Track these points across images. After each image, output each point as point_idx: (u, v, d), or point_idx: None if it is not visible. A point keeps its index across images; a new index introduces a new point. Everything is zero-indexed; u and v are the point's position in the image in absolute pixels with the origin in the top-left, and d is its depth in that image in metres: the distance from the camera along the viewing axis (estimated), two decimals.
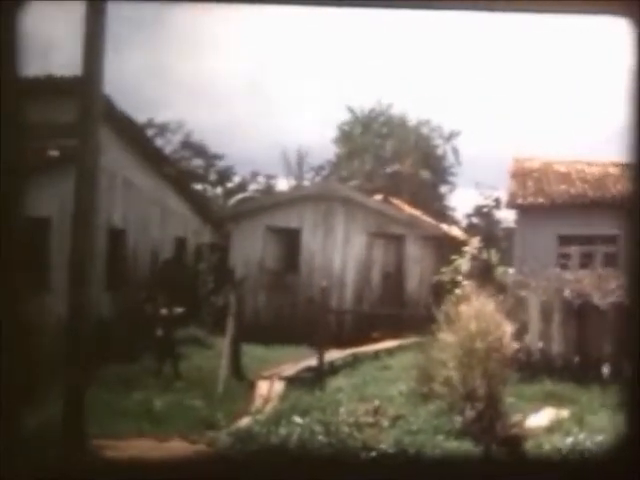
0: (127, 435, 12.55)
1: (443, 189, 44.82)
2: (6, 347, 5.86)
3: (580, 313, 18.20)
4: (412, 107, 54.08)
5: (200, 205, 29.77)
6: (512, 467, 10.08)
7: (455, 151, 44.00)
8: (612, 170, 25.39)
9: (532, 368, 17.14)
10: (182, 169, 34.25)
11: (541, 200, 25.21)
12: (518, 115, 51.28)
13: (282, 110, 54.84)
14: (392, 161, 41.83)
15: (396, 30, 47.84)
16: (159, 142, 36.88)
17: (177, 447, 12.11)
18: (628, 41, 5.91)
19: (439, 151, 44.27)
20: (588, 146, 39.82)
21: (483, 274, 18.31)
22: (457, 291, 16.26)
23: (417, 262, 26.60)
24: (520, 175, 26.60)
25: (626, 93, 5.97)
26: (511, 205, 26.03)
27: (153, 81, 47.97)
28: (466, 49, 53.16)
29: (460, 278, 18.07)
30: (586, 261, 23.15)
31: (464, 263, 18.92)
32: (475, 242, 19.89)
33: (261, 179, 44.66)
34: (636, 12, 5.84)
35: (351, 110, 44.05)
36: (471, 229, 35.14)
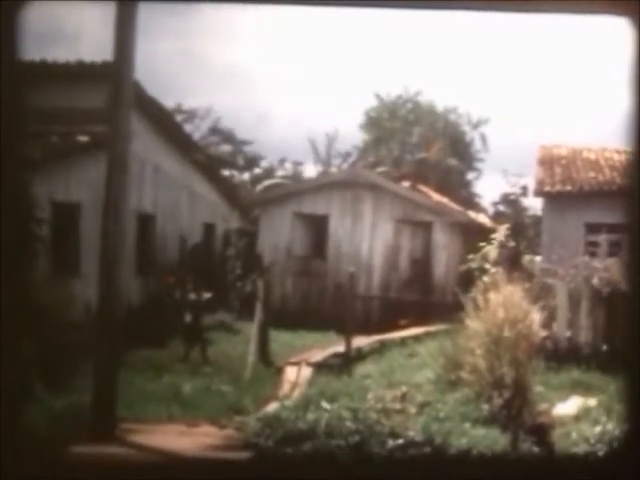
0: (157, 419, 12.66)
1: (470, 176, 44.60)
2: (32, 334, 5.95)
3: (608, 301, 18.14)
4: (440, 94, 53.77)
5: (228, 191, 29.87)
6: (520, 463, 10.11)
7: (483, 138, 43.77)
8: None
9: (560, 356, 17.11)
10: (210, 155, 34.29)
11: (569, 188, 25.02)
12: (545, 103, 51.02)
13: (310, 96, 54.79)
14: (419, 148, 41.66)
15: (425, 19, 47.71)
16: (188, 128, 36.92)
17: (206, 432, 12.19)
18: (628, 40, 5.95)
19: (467, 138, 44.04)
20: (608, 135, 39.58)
21: (511, 262, 18.26)
22: (485, 278, 16.21)
23: (444, 249, 26.57)
24: (548, 162, 26.38)
25: (628, 89, 6.01)
26: (538, 193, 25.79)
27: (182, 67, 48.07)
28: (492, 38, 52.94)
29: (488, 266, 18.00)
30: (615, 249, 23.00)
31: (492, 250, 18.84)
32: (503, 229, 19.80)
33: (289, 165, 44.62)
34: (636, 12, 5.85)
35: (378, 96, 43.91)
36: (498, 217, 34.97)
